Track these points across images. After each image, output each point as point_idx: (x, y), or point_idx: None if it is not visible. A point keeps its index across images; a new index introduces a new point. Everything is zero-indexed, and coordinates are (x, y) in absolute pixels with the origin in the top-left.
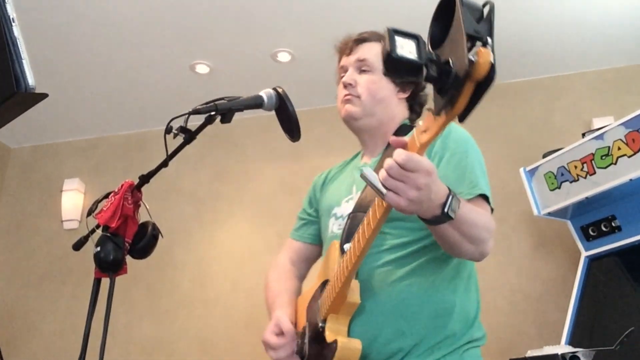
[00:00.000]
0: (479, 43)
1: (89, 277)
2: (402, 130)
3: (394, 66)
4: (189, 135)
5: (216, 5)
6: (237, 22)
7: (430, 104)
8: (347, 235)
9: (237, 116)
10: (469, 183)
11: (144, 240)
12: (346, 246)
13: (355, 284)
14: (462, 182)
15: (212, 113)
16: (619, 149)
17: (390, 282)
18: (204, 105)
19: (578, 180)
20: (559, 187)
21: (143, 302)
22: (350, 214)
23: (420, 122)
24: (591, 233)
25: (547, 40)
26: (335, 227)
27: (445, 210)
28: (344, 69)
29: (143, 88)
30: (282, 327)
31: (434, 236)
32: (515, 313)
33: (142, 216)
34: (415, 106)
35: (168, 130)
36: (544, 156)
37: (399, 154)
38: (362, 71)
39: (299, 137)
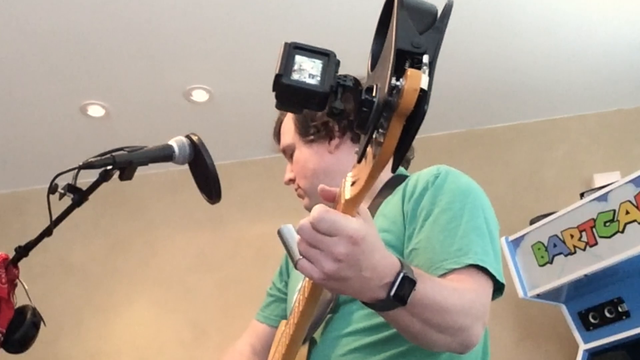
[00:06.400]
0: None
1: None
2: (393, 183)
3: (285, 95)
4: (79, 196)
5: (111, 31)
6: (139, 52)
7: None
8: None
9: (141, 171)
10: (457, 250)
11: (22, 330)
12: None
13: None
14: (448, 248)
15: (109, 167)
16: (627, 213)
17: None
18: (98, 158)
19: (575, 253)
20: (550, 262)
21: None
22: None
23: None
24: (592, 320)
25: (537, 76)
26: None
27: (392, 293)
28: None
29: (20, 136)
30: None
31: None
32: None
33: (20, 299)
34: None
35: (52, 189)
36: (532, 222)
37: (313, 211)
38: (291, 157)
39: (220, 198)
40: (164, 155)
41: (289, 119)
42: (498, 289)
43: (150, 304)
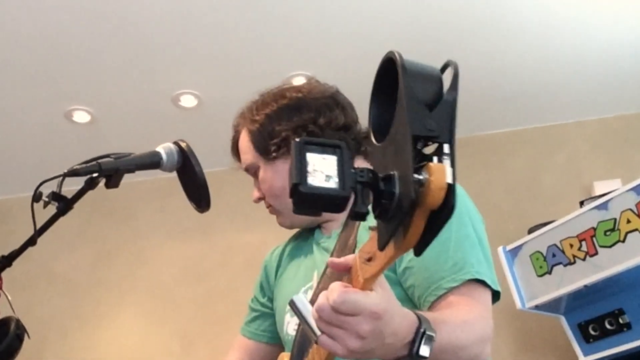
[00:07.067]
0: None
1: None
2: None
3: (304, 203)
4: (64, 204)
5: (97, 34)
6: (126, 56)
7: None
8: (300, 346)
9: (128, 179)
10: (452, 265)
11: (5, 342)
12: None
13: None
14: (444, 264)
15: (94, 175)
16: (629, 222)
17: None
18: (84, 165)
19: (575, 263)
20: (549, 272)
21: None
22: None
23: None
24: (592, 332)
25: (536, 81)
26: (290, 327)
27: (414, 350)
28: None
29: (3, 143)
30: None
31: None
32: None
33: (3, 310)
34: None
35: (36, 197)
36: (530, 231)
37: (332, 292)
38: (255, 174)
39: (209, 206)
40: (152, 162)
41: (244, 137)
42: (494, 294)
43: (137, 314)
